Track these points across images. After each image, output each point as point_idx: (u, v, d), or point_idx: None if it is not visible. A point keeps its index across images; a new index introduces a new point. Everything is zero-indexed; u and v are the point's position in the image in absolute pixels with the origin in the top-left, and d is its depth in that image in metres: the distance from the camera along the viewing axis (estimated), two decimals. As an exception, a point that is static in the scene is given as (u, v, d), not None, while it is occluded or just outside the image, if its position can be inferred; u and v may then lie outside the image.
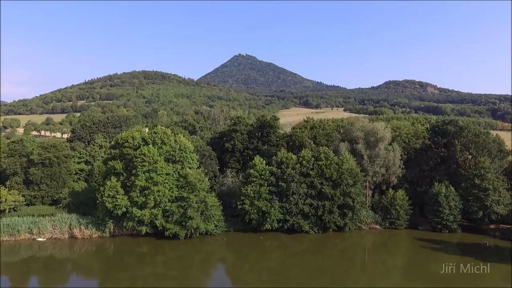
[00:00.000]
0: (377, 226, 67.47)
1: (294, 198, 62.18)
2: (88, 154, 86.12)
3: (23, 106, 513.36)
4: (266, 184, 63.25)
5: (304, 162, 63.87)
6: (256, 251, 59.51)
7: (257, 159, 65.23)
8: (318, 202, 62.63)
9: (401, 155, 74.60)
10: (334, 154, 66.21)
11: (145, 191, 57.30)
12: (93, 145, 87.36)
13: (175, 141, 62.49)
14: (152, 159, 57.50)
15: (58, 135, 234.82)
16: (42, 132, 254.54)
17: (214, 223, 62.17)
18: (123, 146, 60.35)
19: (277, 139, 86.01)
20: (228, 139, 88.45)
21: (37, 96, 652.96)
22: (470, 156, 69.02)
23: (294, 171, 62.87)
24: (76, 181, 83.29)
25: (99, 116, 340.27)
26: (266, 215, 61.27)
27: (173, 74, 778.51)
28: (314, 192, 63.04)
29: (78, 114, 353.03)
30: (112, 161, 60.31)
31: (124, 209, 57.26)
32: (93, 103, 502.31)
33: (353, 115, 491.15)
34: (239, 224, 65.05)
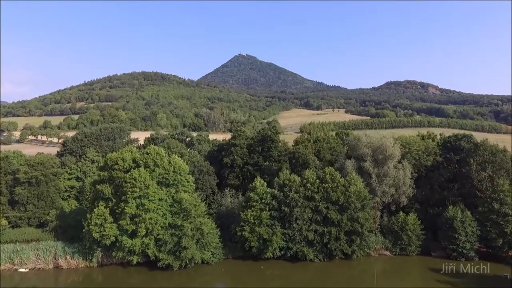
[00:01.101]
0: (387, 253, 62.70)
1: (297, 224, 57.48)
2: (79, 169, 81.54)
3: (21, 108, 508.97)
4: (267, 209, 58.56)
5: (308, 184, 59.14)
6: (256, 281, 54.93)
7: (258, 181, 60.49)
8: (323, 228, 57.91)
9: (411, 173, 69.90)
10: (340, 175, 61.40)
11: (136, 219, 52.65)
12: (85, 160, 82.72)
13: (169, 162, 57.76)
14: (144, 183, 52.82)
15: (55, 140, 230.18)
16: (39, 137, 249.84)
17: (211, 251, 57.52)
18: (113, 169, 55.68)
19: (279, 153, 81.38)
20: (227, 154, 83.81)
21: (36, 98, 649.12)
22: (486, 176, 64.14)
23: (298, 194, 58.13)
24: (66, 199, 78.80)
25: (97, 118, 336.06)
26: (268, 243, 56.58)
27: (173, 75, 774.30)
28: (319, 217, 58.30)
29: (76, 117, 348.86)
30: (101, 184, 55.64)
31: (113, 239, 52.61)
32: (92, 104, 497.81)
33: (355, 117, 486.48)
34: (238, 250, 60.33)
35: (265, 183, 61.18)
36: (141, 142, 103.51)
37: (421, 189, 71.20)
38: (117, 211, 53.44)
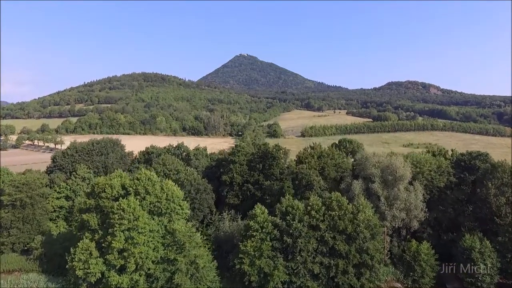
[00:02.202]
0: (398, 285, 57.92)
1: (301, 256, 52.60)
2: (69, 188, 76.91)
3: (20, 110, 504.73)
4: (268, 239, 53.67)
5: (313, 212, 54.28)
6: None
7: (258, 208, 55.63)
8: (330, 260, 53.06)
9: (423, 195, 65.07)
10: (347, 201, 56.56)
11: (124, 253, 47.87)
12: (75, 177, 78.05)
13: (162, 188, 52.96)
14: (133, 215, 48.02)
15: (52, 145, 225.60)
16: (36, 142, 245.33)
17: (207, 285, 52.72)
18: (100, 197, 50.93)
19: (281, 171, 76.66)
20: (225, 171, 79.11)
21: (35, 99, 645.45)
22: (505, 201, 59.24)
23: (302, 223, 53.27)
24: (55, 220, 74.27)
25: (95, 122, 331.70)
26: (269, 277, 51.76)
27: (173, 76, 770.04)
28: (325, 249, 53.45)
29: (74, 120, 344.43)
30: (87, 213, 50.90)
31: (98, 275, 47.85)
32: (91, 106, 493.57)
33: (357, 119, 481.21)
34: (237, 283, 55.50)
35: (266, 210, 56.29)
36: (136, 154, 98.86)
37: (433, 211, 66.35)
38: (103, 244, 48.67)
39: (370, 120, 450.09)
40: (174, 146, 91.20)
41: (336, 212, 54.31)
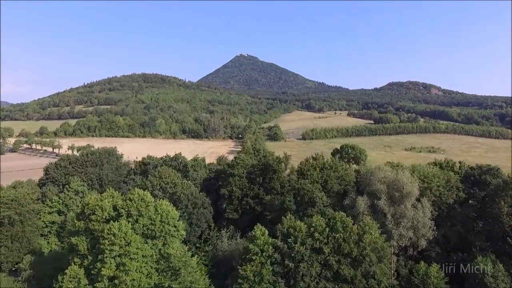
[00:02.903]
0: (406, 310, 54.71)
1: (304, 281, 49.53)
2: (61, 202, 74.00)
3: (19, 112, 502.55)
4: (269, 263, 50.61)
5: (316, 234, 51.19)
6: None
7: (258, 229, 52.55)
8: (334, 285, 49.96)
9: (431, 212, 62.01)
10: (352, 222, 53.50)
11: (115, 281, 44.93)
12: (68, 191, 75.10)
13: (156, 210, 49.99)
14: (124, 239, 45.06)
15: (49, 149, 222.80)
16: (34, 145, 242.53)
17: (204, 312, 49.71)
18: (90, 219, 47.97)
19: (282, 184, 73.64)
20: (224, 184, 76.15)
21: (34, 100, 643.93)
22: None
23: (304, 246, 50.23)
24: (46, 235, 71.43)
25: (94, 124, 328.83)
26: (270, 304, 48.75)
27: (173, 77, 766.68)
28: (329, 273, 50.37)
29: (73, 122, 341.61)
30: (76, 237, 47.95)
31: (88, 305, 44.90)
32: (91, 108, 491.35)
33: (358, 120, 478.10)
34: (236, 308, 52.48)
35: (266, 231, 53.26)
36: (132, 163, 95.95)
37: (441, 228, 63.31)
38: (92, 271, 45.69)
39: (372, 122, 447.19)
40: (172, 156, 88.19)
41: (341, 234, 51.23)
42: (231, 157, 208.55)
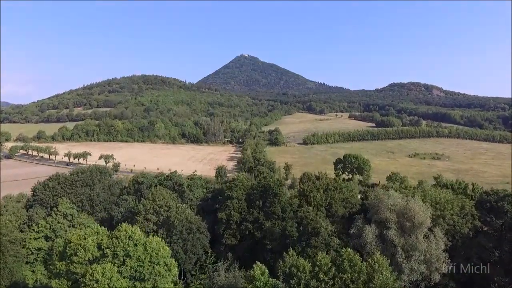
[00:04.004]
0: None
1: (308, 328, 45.00)
2: (49, 226, 69.51)
3: (18, 114, 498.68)
4: (269, 306, 46.09)
5: (321, 274, 46.60)
6: None
7: (258, 269, 47.91)
8: (341, 332, 45.42)
9: (444, 242, 57.41)
10: (361, 259, 48.87)
11: (99, 332, 40.37)
12: (56, 214, 70.61)
13: (145, 248, 45.41)
14: (109, 286, 40.47)
15: (46, 156, 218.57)
16: (30, 151, 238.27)
17: None
18: (72, 261, 43.43)
19: (283, 209, 69.01)
20: (222, 207, 71.60)
21: (34, 102, 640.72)
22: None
23: (308, 289, 45.64)
24: (32, 263, 66.92)
25: (92, 129, 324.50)
26: None
27: (174, 79, 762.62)
28: (335, 319, 45.79)
29: (71, 127, 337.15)
30: (56, 280, 43.44)
31: None
32: (89, 111, 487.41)
33: (359, 123, 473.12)
34: None
35: (266, 270, 48.67)
36: (125, 181, 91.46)
37: (455, 260, 58.67)
38: (74, 322, 41.22)
39: (373, 124, 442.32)
40: (167, 175, 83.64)
41: (349, 275, 46.64)
42: (231, 164, 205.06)
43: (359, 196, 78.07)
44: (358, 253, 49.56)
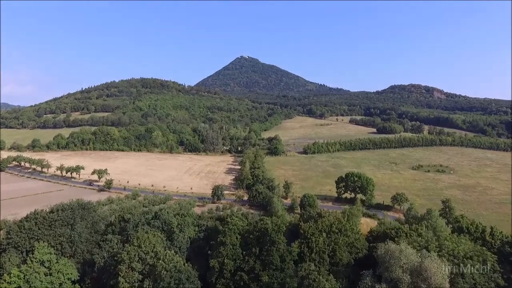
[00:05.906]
0: None
1: None
2: (22, 276, 62.67)
3: (14, 119, 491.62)
4: None
5: None
6: None
7: None
8: None
9: (464, 304, 50.76)
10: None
11: None
12: (31, 261, 63.80)
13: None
14: None
15: (38, 168, 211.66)
16: (23, 163, 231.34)
17: None
18: None
19: (282, 258, 62.27)
20: (214, 253, 64.86)
21: (32, 106, 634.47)
22: None
23: None
24: (4, 319, 60.13)
25: (88, 137, 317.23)
26: None
27: (173, 82, 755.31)
28: None
29: (67, 134, 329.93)
30: None
31: None
32: (87, 116, 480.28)
33: (360, 128, 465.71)
34: None
35: None
36: (114, 217, 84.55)
37: (476, 322, 52.03)
38: None
39: (374, 130, 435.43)
40: (154, 213, 76.79)
41: None
42: (228, 179, 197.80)
43: (362, 221, 70.96)
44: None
